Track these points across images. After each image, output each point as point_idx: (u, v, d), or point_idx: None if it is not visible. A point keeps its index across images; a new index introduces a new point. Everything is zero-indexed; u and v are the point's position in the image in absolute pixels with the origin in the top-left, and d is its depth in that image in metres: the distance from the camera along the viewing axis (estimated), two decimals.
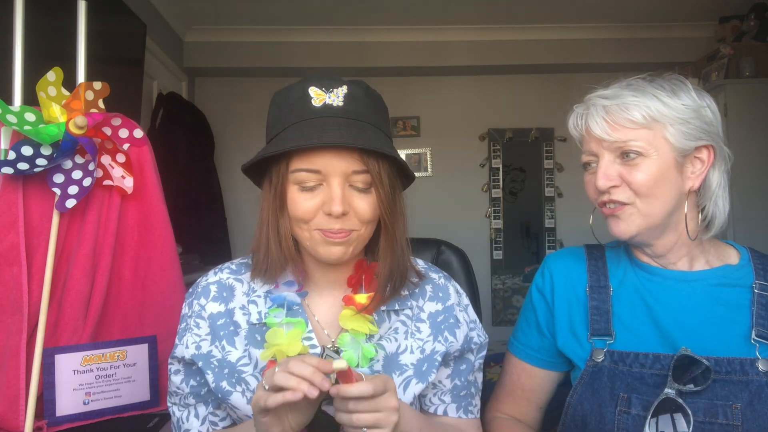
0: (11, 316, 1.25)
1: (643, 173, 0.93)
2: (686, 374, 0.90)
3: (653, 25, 3.77)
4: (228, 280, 0.97)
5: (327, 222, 0.86)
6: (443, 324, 0.97)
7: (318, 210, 0.86)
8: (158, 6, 3.19)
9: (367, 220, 0.88)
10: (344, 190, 0.86)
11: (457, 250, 1.36)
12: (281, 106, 0.90)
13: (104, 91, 1.29)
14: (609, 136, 0.95)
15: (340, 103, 0.86)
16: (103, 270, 1.35)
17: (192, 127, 3.51)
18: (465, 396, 1.00)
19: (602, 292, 1.03)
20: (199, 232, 3.35)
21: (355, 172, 0.85)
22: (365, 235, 0.90)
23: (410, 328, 0.96)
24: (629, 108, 0.94)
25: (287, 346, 0.87)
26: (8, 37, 1.35)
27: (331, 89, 0.87)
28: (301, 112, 0.86)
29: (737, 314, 0.95)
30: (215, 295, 0.95)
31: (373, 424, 0.75)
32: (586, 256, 1.09)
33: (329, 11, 3.50)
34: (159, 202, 1.44)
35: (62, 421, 1.27)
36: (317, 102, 0.86)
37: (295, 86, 0.89)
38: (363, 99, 0.89)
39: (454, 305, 1.00)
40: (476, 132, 4.19)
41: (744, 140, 3.03)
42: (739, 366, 0.91)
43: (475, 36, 3.85)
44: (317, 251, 0.89)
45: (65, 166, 1.28)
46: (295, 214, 0.88)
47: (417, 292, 0.99)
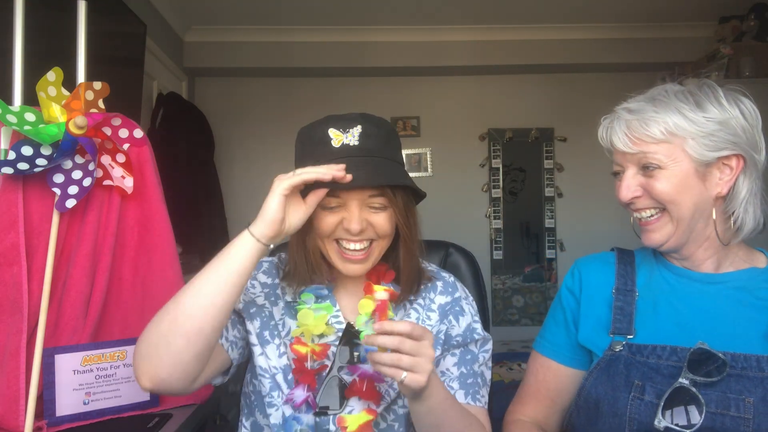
0: (11, 316, 1.25)
1: (663, 184, 0.98)
2: (702, 367, 0.92)
3: (653, 25, 3.77)
4: (272, 264, 1.12)
5: (345, 235, 0.98)
6: (450, 311, 1.08)
7: (337, 226, 0.98)
8: (158, 6, 3.19)
9: (384, 233, 1.00)
10: (361, 211, 0.97)
11: (465, 253, 1.39)
12: (305, 143, 1.01)
13: (104, 91, 1.29)
14: (630, 149, 1.00)
15: (356, 143, 0.96)
16: (103, 270, 1.35)
17: (192, 127, 3.51)
18: (472, 384, 1.05)
19: (628, 295, 1.06)
20: (199, 232, 3.35)
21: (371, 196, 0.97)
22: (383, 245, 1.02)
23: (421, 316, 1.08)
24: (649, 124, 0.98)
25: (314, 325, 1.01)
26: (8, 37, 1.35)
27: (347, 130, 0.97)
28: (323, 151, 0.97)
29: (759, 314, 0.98)
30: (266, 270, 1.11)
31: (411, 367, 0.80)
32: (616, 260, 1.13)
33: (329, 11, 3.50)
34: (159, 202, 1.44)
35: (62, 421, 1.27)
36: (336, 143, 0.97)
37: (317, 126, 0.99)
38: (376, 135, 0.98)
39: (461, 298, 1.11)
40: (476, 132, 4.19)
41: None
42: (755, 362, 0.93)
43: (475, 36, 3.85)
44: (336, 265, 1.01)
45: (65, 166, 1.28)
46: (319, 230, 0.99)
47: (429, 286, 1.11)
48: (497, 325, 4.13)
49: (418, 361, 0.80)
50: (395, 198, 0.99)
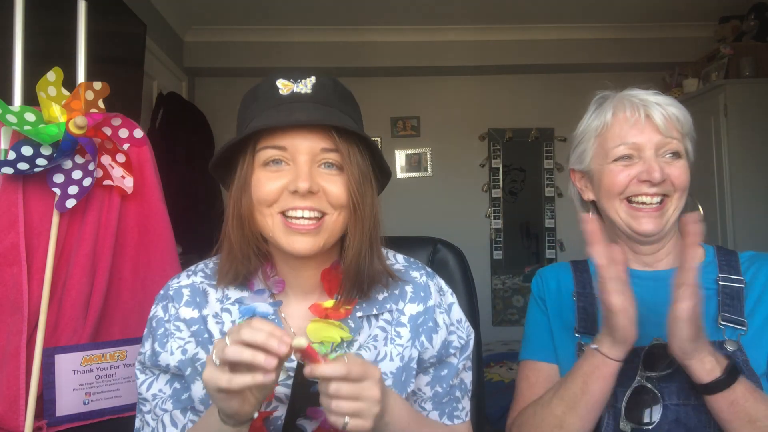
0: (11, 316, 1.25)
1: (683, 173, 1.01)
2: (660, 362, 0.95)
3: (653, 25, 3.77)
4: (201, 285, 0.91)
5: (291, 201, 0.80)
6: (422, 327, 0.91)
7: (282, 191, 0.81)
8: (158, 6, 3.19)
9: (340, 203, 0.82)
10: (312, 168, 0.81)
11: (454, 248, 1.33)
12: (249, 103, 0.86)
13: (104, 91, 1.29)
14: (665, 131, 1.01)
15: (308, 91, 0.83)
16: (103, 270, 1.35)
17: (192, 127, 3.51)
18: (448, 402, 0.95)
19: (589, 297, 1.09)
20: (199, 232, 3.35)
21: (324, 149, 0.81)
22: (339, 223, 0.84)
23: (390, 334, 0.90)
24: (677, 112, 1.03)
25: None
26: (8, 37, 1.35)
27: (299, 80, 0.84)
28: (266, 100, 0.83)
29: (706, 304, 1.00)
30: (188, 300, 0.90)
31: (352, 413, 0.70)
32: (572, 269, 1.16)
33: (329, 11, 3.50)
34: (159, 202, 1.44)
35: (62, 421, 1.27)
36: (285, 91, 0.83)
37: (262, 82, 0.86)
38: (332, 88, 0.86)
39: (435, 307, 0.93)
40: (476, 132, 4.19)
41: (744, 140, 3.03)
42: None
43: (475, 36, 3.85)
44: (279, 241, 0.82)
45: (65, 166, 1.27)
46: (257, 196, 0.82)
47: (397, 293, 0.92)
48: (497, 325, 4.13)
49: (359, 406, 0.70)
50: (350, 159, 0.82)
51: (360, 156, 0.85)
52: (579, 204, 1.19)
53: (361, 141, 0.85)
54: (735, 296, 1.02)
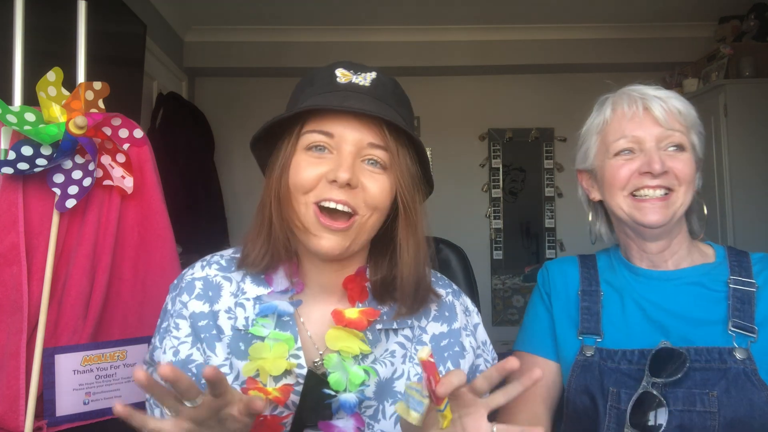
0: (11, 316, 1.25)
1: (687, 166, 0.99)
2: (667, 366, 0.93)
3: (653, 25, 3.77)
4: (215, 277, 0.87)
5: (328, 191, 0.76)
6: (447, 351, 0.86)
7: (320, 179, 0.77)
8: (158, 6, 3.19)
9: (375, 204, 0.78)
10: (355, 161, 0.77)
11: (456, 248, 1.33)
12: (304, 87, 0.83)
13: (104, 91, 1.29)
14: (665, 124, 0.99)
15: (367, 84, 0.80)
16: (103, 270, 1.35)
17: (192, 127, 3.52)
18: None
19: (593, 295, 1.07)
20: (199, 232, 3.35)
21: (371, 144, 0.77)
22: (369, 225, 0.80)
23: (409, 351, 0.85)
24: (678, 105, 1.01)
25: (271, 362, 0.78)
26: (8, 37, 1.35)
27: (359, 72, 0.81)
28: (323, 87, 0.80)
29: (716, 306, 0.99)
30: (200, 293, 0.85)
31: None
32: (579, 264, 1.14)
33: (329, 11, 3.50)
34: (159, 202, 1.44)
35: (62, 421, 1.27)
36: (343, 80, 0.80)
37: (322, 68, 0.83)
38: (391, 89, 0.83)
39: (461, 329, 0.89)
40: (476, 132, 4.19)
41: (744, 140, 3.03)
42: (717, 355, 0.94)
43: (475, 36, 3.85)
44: (307, 235, 0.78)
45: (65, 166, 1.27)
46: (294, 180, 0.78)
47: (421, 311, 0.87)
48: (497, 325, 4.13)
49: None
50: (398, 158, 0.78)
51: (410, 159, 0.82)
52: (586, 206, 1.17)
53: (411, 145, 0.82)
54: (746, 300, 0.98)
